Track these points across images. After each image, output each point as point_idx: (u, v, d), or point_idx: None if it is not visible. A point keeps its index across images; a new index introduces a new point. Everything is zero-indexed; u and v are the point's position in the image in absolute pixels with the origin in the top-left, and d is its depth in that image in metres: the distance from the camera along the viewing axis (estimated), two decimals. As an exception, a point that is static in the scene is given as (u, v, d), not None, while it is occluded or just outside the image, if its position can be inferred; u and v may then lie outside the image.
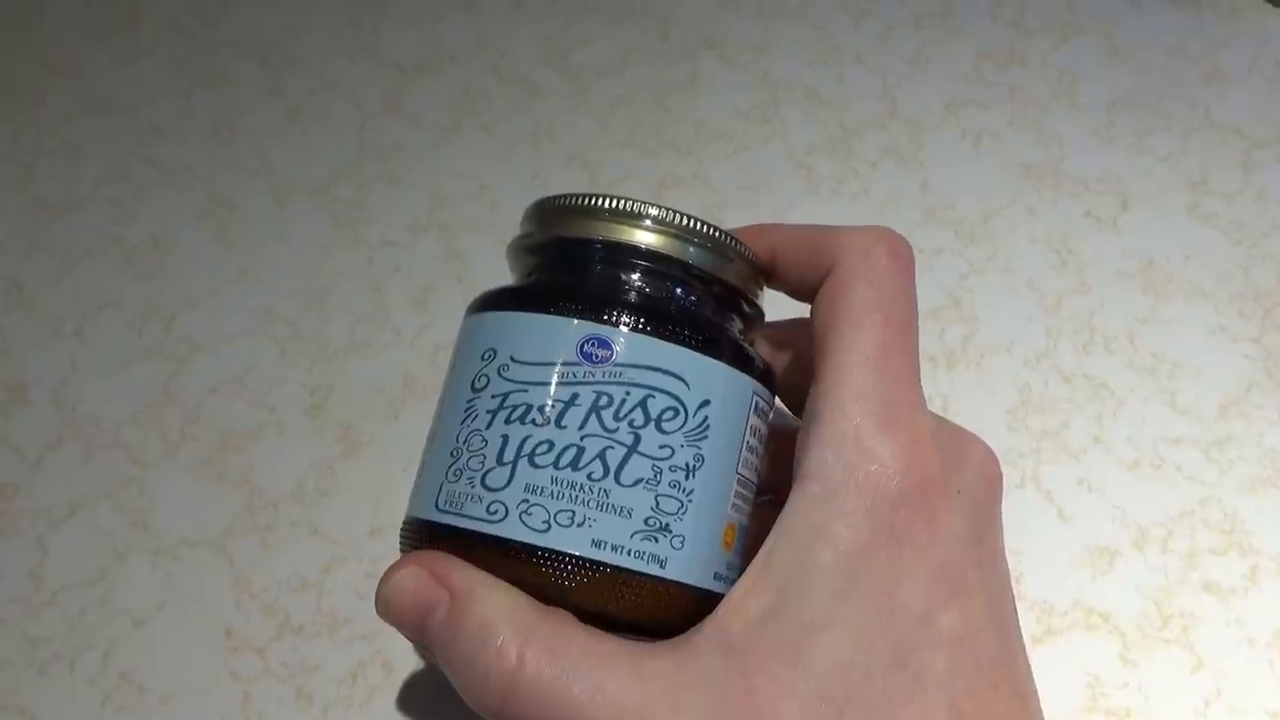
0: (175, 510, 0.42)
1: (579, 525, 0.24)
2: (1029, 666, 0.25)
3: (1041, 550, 0.40)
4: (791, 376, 0.30)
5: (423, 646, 0.26)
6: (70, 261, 0.50)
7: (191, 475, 0.43)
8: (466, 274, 0.49)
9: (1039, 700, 0.25)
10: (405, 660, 0.39)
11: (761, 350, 0.30)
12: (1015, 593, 0.26)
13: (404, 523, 0.27)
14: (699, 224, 0.26)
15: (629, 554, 0.24)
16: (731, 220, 0.41)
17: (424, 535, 0.26)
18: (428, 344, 0.46)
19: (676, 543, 0.25)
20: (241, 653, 0.39)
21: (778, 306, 0.30)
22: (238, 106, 0.55)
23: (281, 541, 0.41)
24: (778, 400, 0.29)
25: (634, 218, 0.26)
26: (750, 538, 0.27)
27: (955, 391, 0.45)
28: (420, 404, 0.45)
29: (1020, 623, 0.26)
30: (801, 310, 0.28)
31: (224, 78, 0.57)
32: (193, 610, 0.40)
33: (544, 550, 0.24)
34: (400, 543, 0.27)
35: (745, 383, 0.26)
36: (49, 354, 0.47)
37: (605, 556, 0.24)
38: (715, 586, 0.25)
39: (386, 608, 0.25)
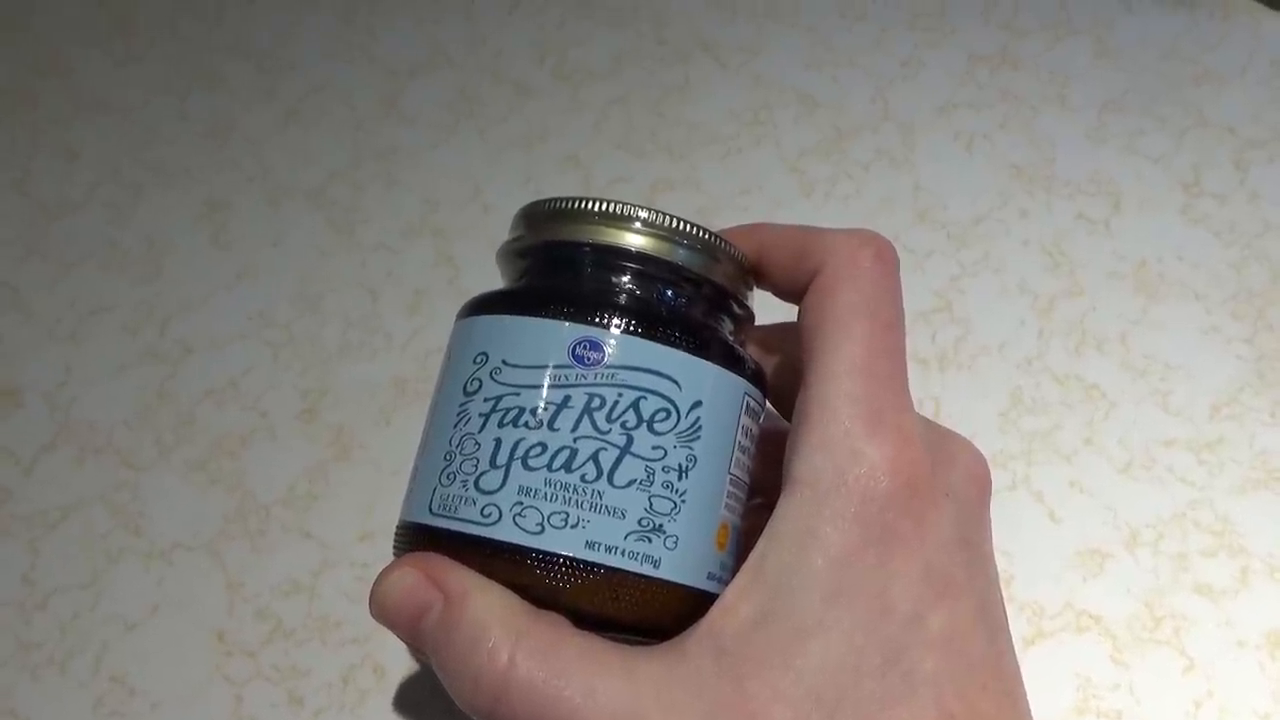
0: (168, 514, 0.42)
1: (573, 527, 0.24)
2: (1018, 667, 0.26)
3: (1032, 552, 0.41)
4: (781, 379, 0.30)
5: (415, 648, 0.26)
6: (65, 265, 0.50)
7: (184, 479, 0.43)
8: (459, 278, 0.49)
9: (1028, 701, 0.25)
10: (397, 664, 0.39)
11: (751, 353, 0.30)
12: (1006, 594, 0.26)
13: (398, 527, 0.27)
14: (688, 226, 0.27)
15: (623, 555, 0.24)
16: (724, 223, 0.41)
17: (418, 539, 0.26)
18: (420, 348, 0.46)
19: (670, 543, 0.25)
20: (233, 656, 0.39)
21: (767, 310, 0.30)
22: (233, 109, 0.55)
23: (273, 545, 0.41)
24: (768, 403, 0.29)
25: (623, 220, 0.26)
26: (743, 539, 0.27)
27: (947, 393, 0.45)
28: (412, 408, 0.45)
29: (1010, 624, 0.26)
30: (790, 314, 0.28)
31: (220, 80, 0.57)
32: (185, 614, 0.40)
33: (538, 552, 0.24)
34: (394, 547, 0.27)
35: (736, 383, 0.26)
36: (43, 357, 0.47)
37: (599, 557, 0.24)
38: (709, 586, 0.25)
39: (381, 609, 0.25)
